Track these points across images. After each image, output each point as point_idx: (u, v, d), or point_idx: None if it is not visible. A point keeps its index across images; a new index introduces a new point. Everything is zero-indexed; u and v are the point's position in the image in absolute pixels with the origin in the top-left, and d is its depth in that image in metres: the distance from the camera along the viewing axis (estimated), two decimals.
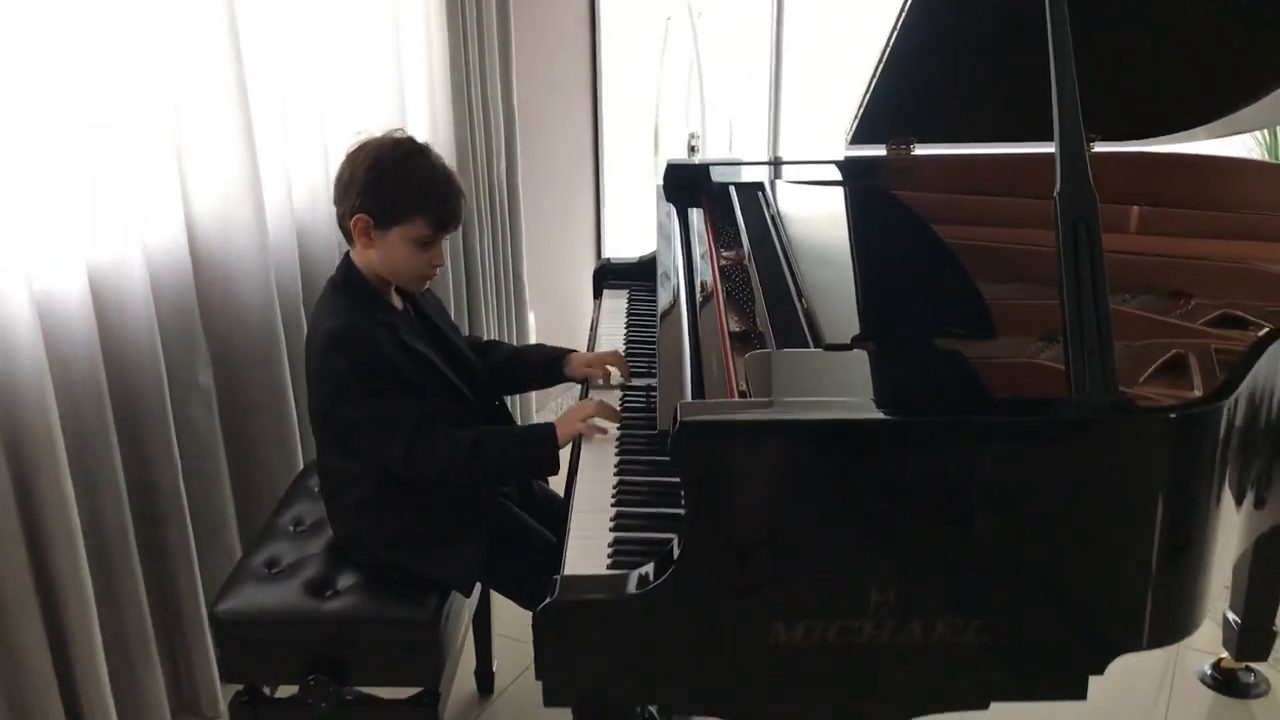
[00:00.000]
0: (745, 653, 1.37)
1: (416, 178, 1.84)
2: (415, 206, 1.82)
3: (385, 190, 1.82)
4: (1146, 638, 1.40)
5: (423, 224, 1.83)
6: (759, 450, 1.31)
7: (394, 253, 1.85)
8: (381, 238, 1.84)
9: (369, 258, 1.88)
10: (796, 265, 1.85)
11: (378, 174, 1.82)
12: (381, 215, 1.83)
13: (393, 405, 1.80)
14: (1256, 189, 2.42)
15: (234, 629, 1.86)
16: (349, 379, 1.81)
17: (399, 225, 1.83)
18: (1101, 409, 1.33)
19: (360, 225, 1.84)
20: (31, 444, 1.98)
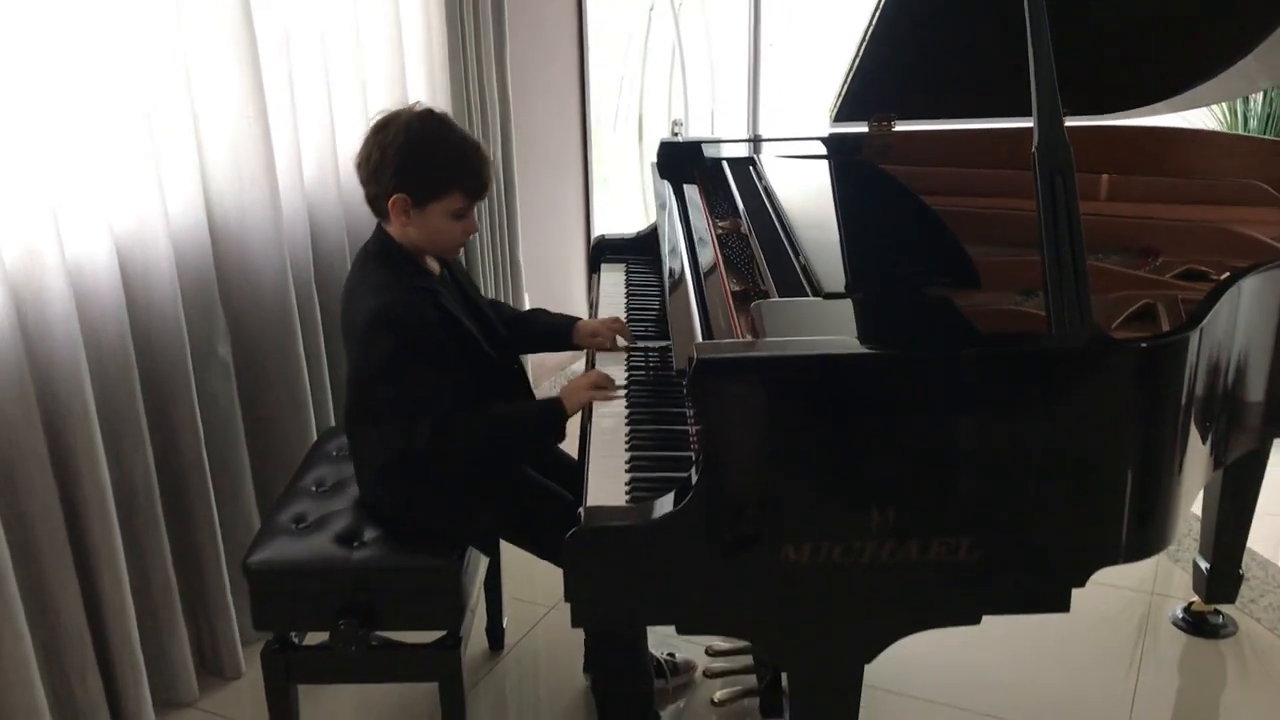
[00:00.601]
0: (757, 573, 1.49)
1: (448, 154, 1.91)
2: (452, 181, 1.90)
3: (420, 170, 1.89)
4: (1123, 552, 1.53)
5: (459, 197, 1.91)
6: (768, 384, 1.44)
7: (432, 226, 1.93)
8: (420, 214, 1.91)
9: (407, 235, 1.95)
10: (791, 228, 1.97)
11: (411, 153, 1.88)
12: (419, 193, 1.89)
13: (426, 390, 1.87)
14: (1212, 157, 2.58)
15: (266, 579, 1.95)
16: (393, 360, 1.87)
17: (437, 201, 1.90)
18: (1079, 341, 1.46)
19: (399, 205, 1.90)
20: (66, 410, 2.09)
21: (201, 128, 2.34)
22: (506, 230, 3.40)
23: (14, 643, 2.01)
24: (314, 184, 2.65)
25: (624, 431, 1.87)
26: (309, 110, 2.62)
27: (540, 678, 2.55)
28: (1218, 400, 1.75)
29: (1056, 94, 1.55)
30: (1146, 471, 1.52)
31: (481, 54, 3.19)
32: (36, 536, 2.08)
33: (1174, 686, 2.46)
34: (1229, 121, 3.71)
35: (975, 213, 2.29)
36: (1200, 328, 1.54)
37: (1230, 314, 1.73)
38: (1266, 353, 1.88)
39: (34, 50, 1.96)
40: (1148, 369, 1.48)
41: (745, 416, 1.44)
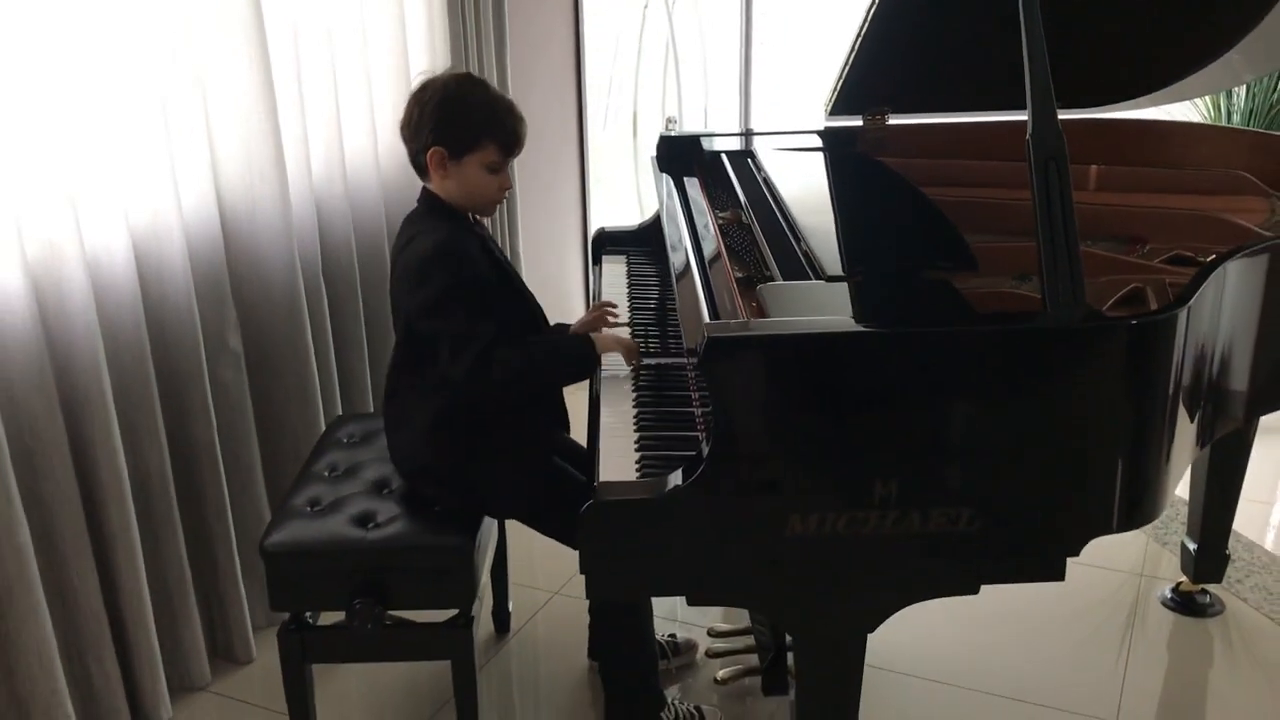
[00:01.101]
0: (765, 544, 1.55)
1: (482, 107, 2.00)
2: (485, 133, 1.99)
3: (456, 122, 1.98)
4: (1116, 521, 1.60)
5: (493, 149, 2.00)
6: (774, 361, 1.50)
7: (469, 179, 2.01)
8: (456, 167, 2.00)
9: (446, 189, 2.03)
10: (792, 216, 2.03)
11: (447, 109, 1.98)
12: (455, 146, 1.99)
13: (472, 325, 1.93)
14: (1198, 148, 2.66)
15: (283, 560, 2.01)
16: (444, 293, 1.94)
17: (472, 153, 1.99)
18: (1073, 319, 1.53)
19: (436, 158, 1.99)
20: (85, 398, 2.14)
21: (213, 125, 2.39)
22: (506, 222, 3.45)
23: (36, 625, 2.06)
24: (322, 179, 2.70)
25: (632, 414, 1.93)
26: (317, 107, 2.67)
27: (545, 660, 2.61)
28: (1205, 379, 1.81)
29: (1050, 85, 1.61)
30: (1137, 445, 1.58)
31: (482, 52, 3.24)
32: (56, 522, 2.13)
33: (1163, 662, 2.53)
34: (1213, 116, 3.79)
35: (969, 202, 2.35)
36: (1188, 307, 1.61)
37: (1216, 296, 1.79)
38: (1250, 334, 1.95)
39: (54, 50, 2.02)
40: (1138, 346, 1.54)
41: (753, 392, 1.50)
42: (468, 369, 1.92)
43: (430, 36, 3.02)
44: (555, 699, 2.46)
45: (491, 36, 3.28)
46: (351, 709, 2.42)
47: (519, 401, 2.06)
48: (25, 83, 1.97)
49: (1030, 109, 1.60)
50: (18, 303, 1.99)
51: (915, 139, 2.74)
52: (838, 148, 2.71)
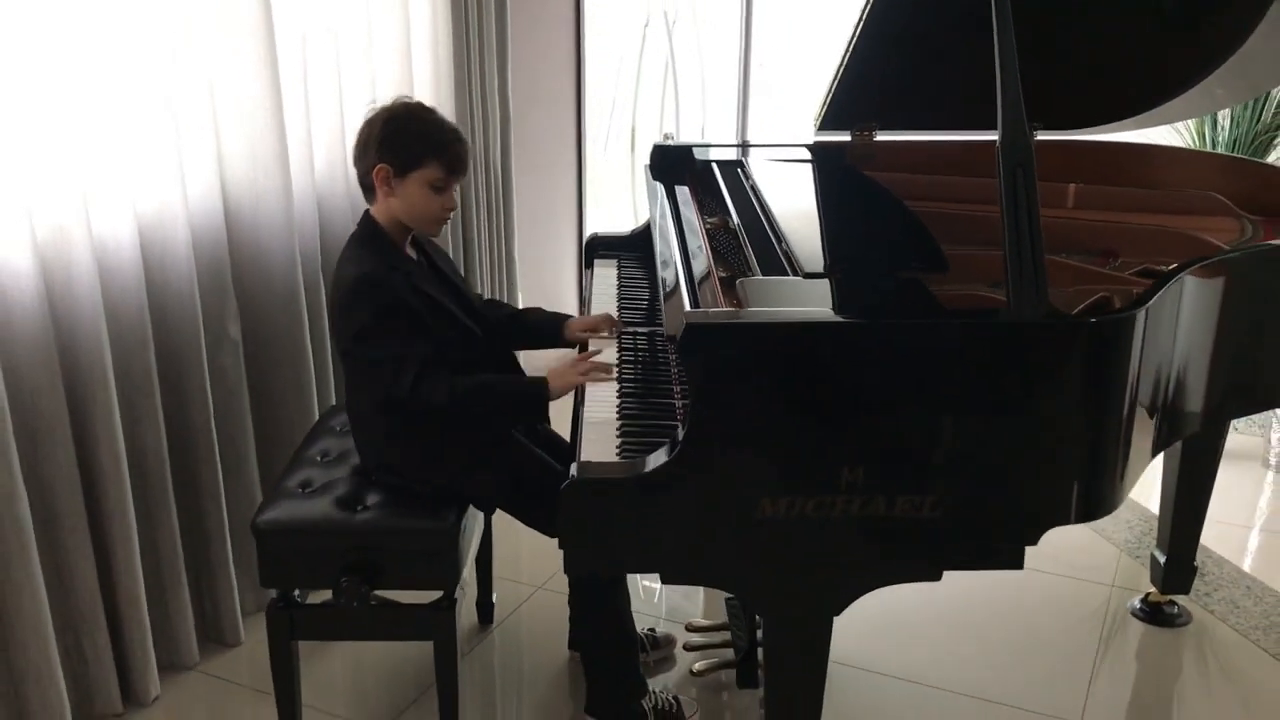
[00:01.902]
0: (736, 525, 1.61)
1: (426, 128, 2.09)
2: (428, 153, 2.07)
3: (401, 141, 2.07)
4: (1074, 513, 1.67)
5: (436, 168, 2.08)
6: (749, 348, 1.57)
7: (412, 197, 2.09)
8: (401, 185, 2.08)
9: (390, 208, 2.10)
10: (775, 220, 2.11)
11: (393, 129, 2.08)
12: (399, 164, 2.07)
13: (406, 345, 2.01)
14: (1174, 170, 2.74)
15: (274, 538, 2.07)
16: (370, 323, 2.02)
17: (416, 170, 2.07)
18: (1035, 316, 1.60)
19: (382, 175, 2.07)
20: (88, 378, 2.21)
21: (221, 121, 2.47)
22: (503, 228, 3.54)
23: (32, 598, 2.12)
24: (324, 177, 2.78)
25: (614, 404, 2.00)
26: (321, 107, 2.75)
27: (527, 650, 2.67)
28: (1163, 382, 1.88)
29: (1020, 97, 1.69)
30: (1094, 440, 1.65)
31: (484, 60, 3.33)
32: (55, 499, 2.20)
33: (1129, 669, 2.59)
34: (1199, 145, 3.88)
35: (950, 214, 2.43)
36: (1146, 309, 1.68)
37: (1174, 302, 1.87)
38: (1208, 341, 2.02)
39: (68, 46, 2.10)
40: (1097, 344, 1.62)
41: (728, 378, 1.57)
42: (411, 389, 2.00)
43: (434, 42, 3.11)
44: (536, 687, 2.52)
45: (494, 43, 3.37)
46: (336, 693, 2.48)
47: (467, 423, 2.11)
48: (41, 76, 2.05)
49: (1000, 119, 1.68)
50: (26, 282, 2.06)
51: (901, 155, 2.82)
52: (825, 161, 2.79)
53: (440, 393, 2.01)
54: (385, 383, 2.03)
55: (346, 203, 2.84)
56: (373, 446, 2.19)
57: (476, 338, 2.21)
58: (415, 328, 2.05)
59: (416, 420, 2.08)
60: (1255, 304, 2.10)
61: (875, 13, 2.42)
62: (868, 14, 2.43)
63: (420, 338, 2.04)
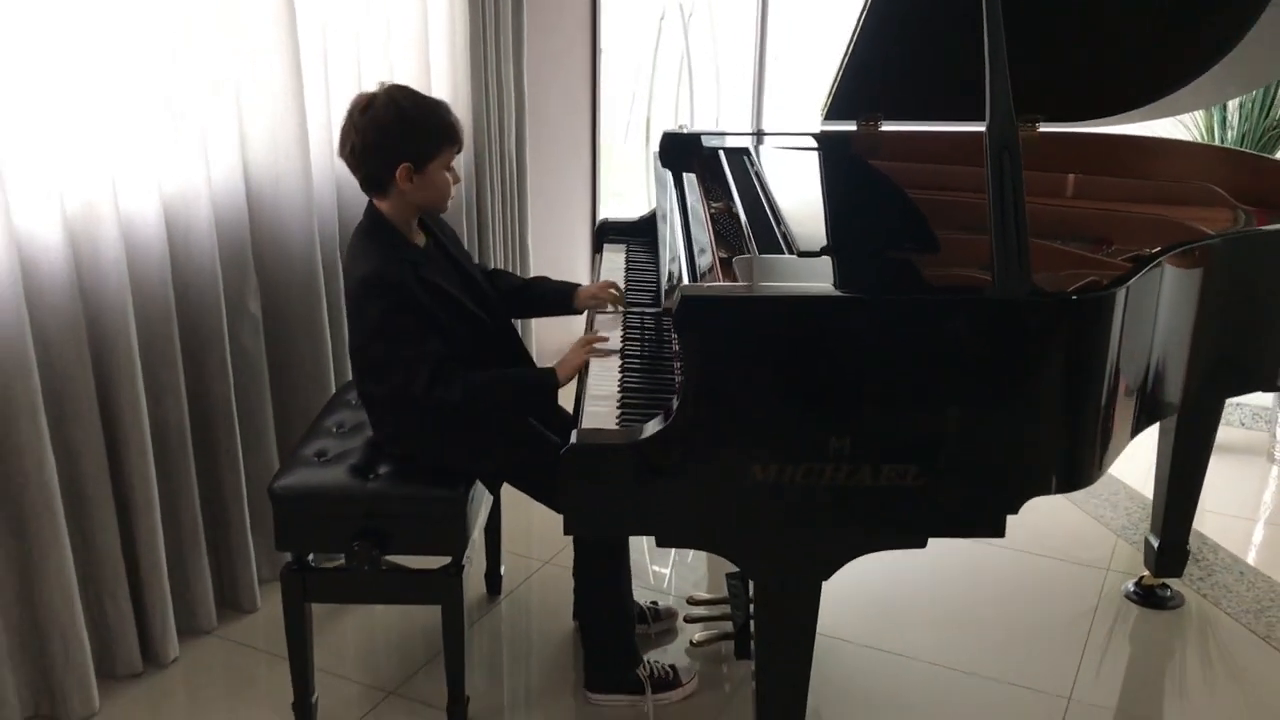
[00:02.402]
0: (729, 490, 1.69)
1: (433, 116, 2.14)
2: (441, 141, 2.13)
3: (418, 137, 2.11)
4: (1054, 484, 1.74)
5: (450, 150, 2.16)
6: (741, 320, 1.65)
7: (434, 183, 2.15)
8: (422, 177, 2.14)
9: (405, 199, 2.16)
10: (775, 203, 2.18)
11: (406, 125, 2.10)
12: (419, 158, 2.12)
13: (418, 347, 2.08)
14: (1168, 162, 2.81)
15: (290, 503, 2.16)
16: (381, 323, 2.10)
17: (435, 159, 2.14)
18: (1019, 293, 1.67)
19: (405, 173, 2.12)
20: (113, 350, 2.30)
21: (244, 104, 2.56)
22: (517, 214, 3.61)
23: (59, 558, 2.22)
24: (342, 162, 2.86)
25: (617, 379, 2.08)
26: (340, 93, 2.83)
27: (533, 620, 2.75)
28: (1144, 359, 1.95)
29: (1008, 85, 1.75)
30: (1073, 413, 1.72)
31: (500, 48, 3.41)
32: (82, 466, 2.29)
33: (1120, 648, 2.66)
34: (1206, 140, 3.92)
35: (949, 201, 2.50)
36: (1126, 288, 1.75)
37: (1156, 285, 1.93)
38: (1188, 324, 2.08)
39: (100, 31, 2.19)
40: (1077, 320, 1.68)
41: (721, 349, 1.65)
42: (424, 386, 2.07)
43: (451, 30, 3.19)
44: (541, 655, 2.61)
45: (510, 31, 3.44)
46: (347, 657, 2.57)
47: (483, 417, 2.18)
48: (72, 61, 2.14)
49: (989, 105, 1.75)
50: (56, 254, 2.15)
51: (905, 144, 2.89)
52: (830, 149, 2.85)
53: (454, 392, 2.08)
54: (397, 384, 2.10)
55: None
56: (385, 427, 2.27)
57: (486, 327, 2.27)
58: (426, 325, 2.11)
59: (429, 411, 2.15)
60: (1238, 288, 2.16)
61: (877, 5, 2.49)
62: (870, 6, 2.49)
63: (432, 335, 2.10)
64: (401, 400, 2.14)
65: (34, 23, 2.06)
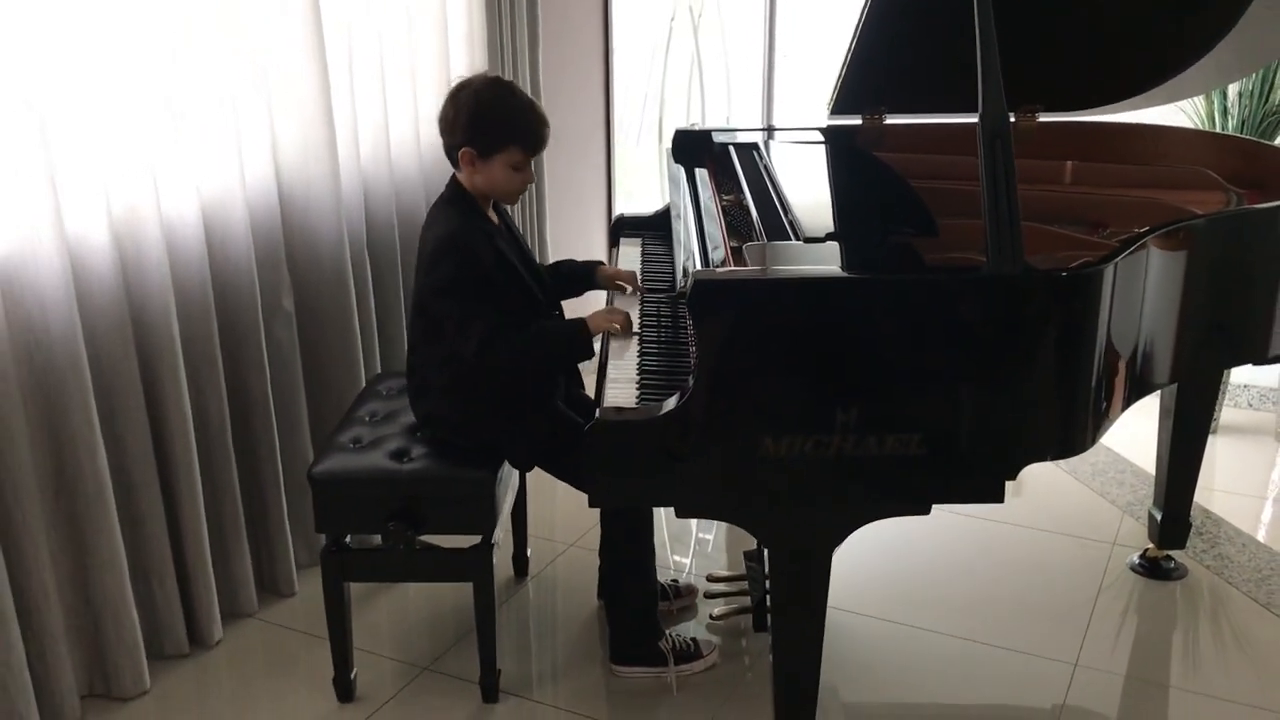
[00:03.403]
0: (742, 462, 1.80)
1: (508, 114, 2.27)
2: (511, 138, 2.27)
3: (485, 128, 2.26)
4: (1050, 452, 1.84)
5: (516, 151, 2.28)
6: (750, 301, 1.76)
7: (494, 176, 2.30)
8: (484, 165, 2.28)
9: (473, 182, 2.31)
10: (783, 194, 2.29)
11: (477, 114, 2.25)
12: (484, 148, 2.27)
13: (477, 308, 2.22)
14: (1164, 147, 2.91)
15: (328, 487, 2.28)
16: (451, 280, 2.23)
17: (498, 154, 2.27)
18: (1012, 270, 1.77)
19: (467, 157, 2.28)
20: (158, 347, 2.43)
21: (275, 111, 2.68)
22: (536, 210, 3.73)
23: (110, 542, 2.34)
24: (369, 163, 2.99)
25: (636, 363, 2.19)
26: (367, 99, 2.96)
27: (559, 599, 2.87)
28: (1133, 332, 2.04)
29: (999, 75, 1.86)
30: (1066, 383, 1.83)
31: (517, 52, 3.53)
32: (130, 455, 2.41)
33: (1126, 617, 2.75)
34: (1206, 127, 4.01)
35: (952, 190, 2.60)
36: (1114, 264, 1.85)
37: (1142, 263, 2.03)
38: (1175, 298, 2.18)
39: (137, 45, 2.31)
40: (1067, 295, 1.79)
41: (731, 329, 1.76)
42: (475, 347, 2.20)
43: (469, 36, 3.31)
44: (567, 631, 2.72)
45: (526, 35, 3.56)
46: (383, 637, 2.68)
47: (524, 376, 2.33)
48: (117, 71, 2.27)
49: (981, 95, 1.85)
50: (103, 256, 2.28)
51: (907, 137, 2.99)
52: (836, 142, 2.96)
53: (500, 355, 2.22)
54: (452, 340, 2.24)
55: (390, 187, 3.05)
56: (426, 400, 2.39)
57: (538, 299, 2.42)
58: (489, 291, 2.25)
59: (474, 376, 2.28)
60: (1226, 265, 2.26)
61: (877, 2, 2.58)
62: (870, 3, 2.59)
63: (490, 303, 2.24)
64: (453, 359, 2.26)
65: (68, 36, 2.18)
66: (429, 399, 2.38)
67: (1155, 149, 2.92)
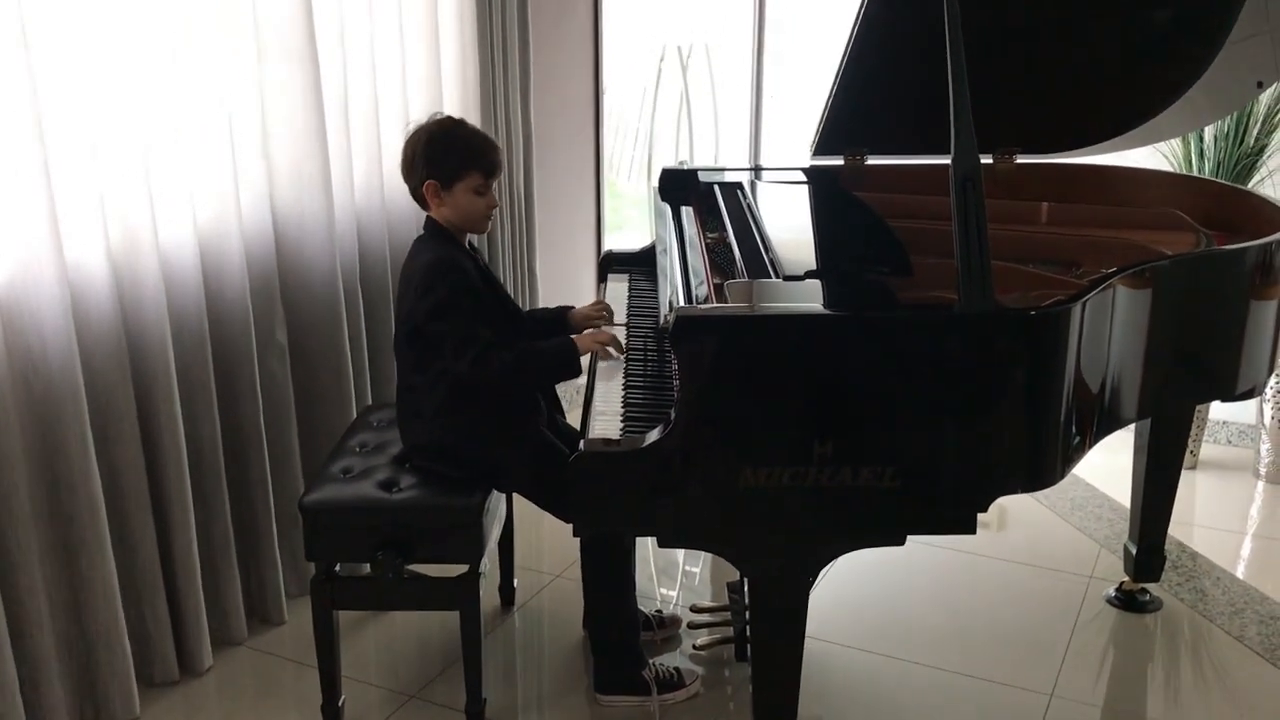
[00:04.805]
0: (722, 492, 1.85)
1: (461, 142, 2.39)
2: (467, 163, 2.37)
3: (441, 158, 2.37)
4: (1019, 484, 1.90)
5: (476, 175, 2.38)
6: (730, 336, 1.82)
7: (460, 203, 2.39)
8: (449, 195, 2.38)
9: (443, 215, 2.41)
10: (765, 232, 2.36)
11: (432, 147, 2.37)
12: (444, 178, 2.37)
13: (472, 326, 2.30)
14: (1138, 189, 2.99)
15: (319, 516, 2.32)
16: (448, 300, 2.31)
17: (459, 181, 2.37)
18: (981, 309, 1.84)
19: (431, 189, 2.38)
20: (153, 375, 2.48)
21: (271, 144, 2.75)
22: (525, 245, 3.80)
23: (104, 569, 2.38)
24: (363, 195, 3.06)
25: (621, 396, 2.25)
26: (360, 133, 3.03)
27: (545, 629, 2.91)
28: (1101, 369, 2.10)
29: (970, 118, 1.93)
30: (1035, 418, 1.88)
31: (509, 90, 3.60)
32: (124, 483, 2.46)
33: (1101, 649, 2.81)
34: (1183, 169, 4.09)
35: (928, 230, 2.66)
36: (1082, 304, 1.92)
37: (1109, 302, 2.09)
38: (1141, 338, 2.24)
39: (135, 79, 2.38)
40: (1035, 333, 1.85)
41: (713, 363, 1.82)
42: (469, 363, 2.28)
43: (462, 74, 3.39)
44: (553, 661, 2.76)
45: (517, 74, 3.64)
46: (370, 665, 2.72)
47: (514, 394, 2.41)
48: (117, 101, 2.34)
49: (953, 139, 1.92)
50: (101, 285, 2.34)
51: (889, 177, 3.06)
52: (819, 182, 3.04)
53: (492, 371, 2.29)
54: (448, 357, 2.31)
55: (383, 222, 3.11)
56: (417, 425, 2.44)
57: (519, 316, 2.52)
58: (479, 311, 2.35)
59: (466, 395, 2.35)
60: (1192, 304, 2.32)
61: (856, 49, 2.66)
62: (850, 50, 2.67)
63: (482, 322, 2.33)
64: (446, 375, 2.33)
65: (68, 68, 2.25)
66: (419, 425, 2.43)
67: (1130, 191, 3.00)
